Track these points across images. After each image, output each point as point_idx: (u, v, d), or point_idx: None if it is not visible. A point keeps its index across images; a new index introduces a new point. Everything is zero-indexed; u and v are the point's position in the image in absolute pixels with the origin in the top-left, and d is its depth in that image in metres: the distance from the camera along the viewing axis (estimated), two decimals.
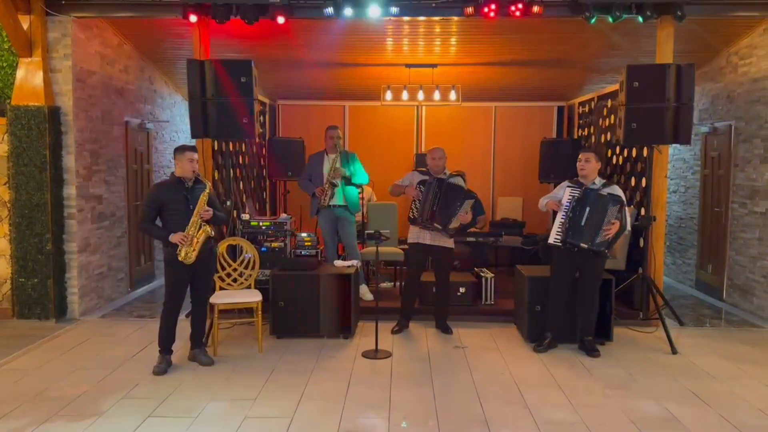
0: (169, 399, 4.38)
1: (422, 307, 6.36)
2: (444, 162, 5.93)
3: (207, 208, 4.91)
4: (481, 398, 4.43)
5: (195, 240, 4.83)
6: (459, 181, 5.93)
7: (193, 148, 4.99)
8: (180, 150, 4.94)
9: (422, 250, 5.98)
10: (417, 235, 5.92)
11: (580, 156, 5.48)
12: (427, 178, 5.87)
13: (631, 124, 5.62)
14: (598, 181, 5.43)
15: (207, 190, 4.94)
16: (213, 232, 4.97)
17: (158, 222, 4.99)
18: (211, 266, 5.19)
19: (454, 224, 5.78)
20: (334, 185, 6.62)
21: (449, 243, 5.95)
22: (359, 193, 6.82)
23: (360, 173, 6.74)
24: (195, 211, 4.85)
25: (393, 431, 3.91)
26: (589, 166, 5.40)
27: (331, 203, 6.65)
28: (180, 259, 4.81)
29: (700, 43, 7.09)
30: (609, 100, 8.02)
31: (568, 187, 5.44)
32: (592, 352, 5.36)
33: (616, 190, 5.37)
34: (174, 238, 4.80)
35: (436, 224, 5.76)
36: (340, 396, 4.46)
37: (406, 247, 6.44)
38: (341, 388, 4.62)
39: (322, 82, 9.21)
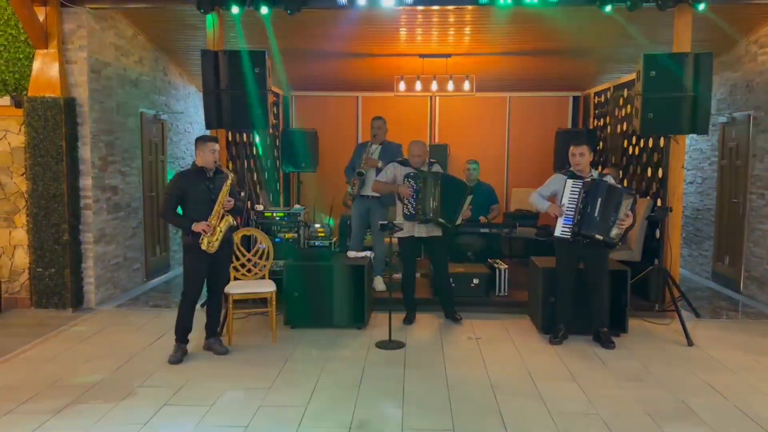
0: (185, 388, 4.42)
1: (435, 298, 6.35)
2: (426, 156, 5.92)
3: (229, 198, 4.96)
4: (494, 389, 4.42)
5: (218, 229, 4.89)
6: (437, 168, 5.95)
7: (215, 139, 5.07)
8: (202, 140, 5.00)
9: (416, 243, 5.99)
10: (410, 229, 5.86)
11: (572, 150, 5.39)
12: (410, 170, 5.82)
13: (648, 114, 5.56)
14: (595, 173, 5.40)
15: (229, 180, 5.00)
16: (235, 222, 5.03)
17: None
18: (228, 256, 5.25)
19: (459, 220, 5.77)
20: (361, 175, 6.61)
21: (440, 232, 5.93)
22: None
23: None
24: (217, 201, 4.91)
25: (407, 421, 3.92)
26: (584, 159, 5.36)
27: (362, 193, 6.67)
28: (203, 248, 4.84)
29: (718, 32, 6.97)
30: (625, 90, 7.93)
31: (570, 179, 5.38)
32: (607, 344, 5.33)
33: (612, 181, 5.34)
34: (197, 227, 4.84)
35: (441, 219, 5.73)
36: (353, 386, 4.47)
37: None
38: (355, 378, 4.63)
39: (335, 73, 9.19)
